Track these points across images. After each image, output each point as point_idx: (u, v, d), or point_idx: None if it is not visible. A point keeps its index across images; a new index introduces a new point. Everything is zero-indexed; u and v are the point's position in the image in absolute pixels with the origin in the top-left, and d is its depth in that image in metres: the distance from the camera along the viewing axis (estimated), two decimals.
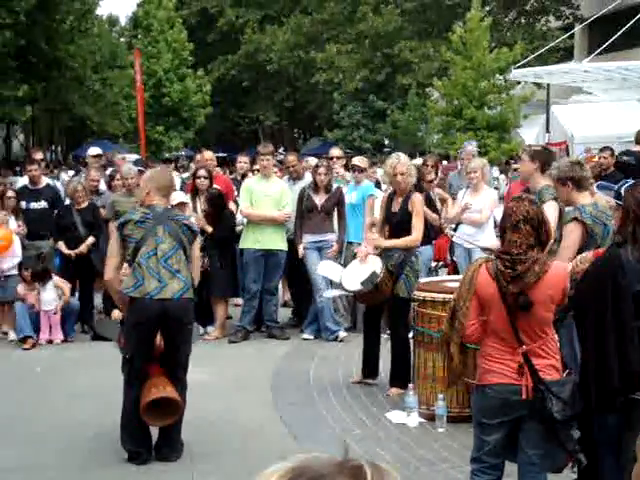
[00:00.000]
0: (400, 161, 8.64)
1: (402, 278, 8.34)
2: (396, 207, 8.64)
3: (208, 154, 12.93)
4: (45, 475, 6.35)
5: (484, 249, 8.68)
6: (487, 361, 4.88)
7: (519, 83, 29.38)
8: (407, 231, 8.48)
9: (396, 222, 8.56)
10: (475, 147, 13.92)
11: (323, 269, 9.55)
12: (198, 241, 7.11)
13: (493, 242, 10.60)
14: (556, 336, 5.02)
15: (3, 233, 11.08)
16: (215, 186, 11.45)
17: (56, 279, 10.98)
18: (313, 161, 13.00)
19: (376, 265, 8.25)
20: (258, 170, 11.77)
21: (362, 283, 8.15)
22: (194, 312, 6.88)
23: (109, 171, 14.20)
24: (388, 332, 9.12)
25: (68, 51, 32.15)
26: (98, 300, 11.71)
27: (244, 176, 12.57)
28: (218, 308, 11.24)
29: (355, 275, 8.35)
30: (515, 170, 11.18)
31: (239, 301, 12.12)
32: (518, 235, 4.75)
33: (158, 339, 6.66)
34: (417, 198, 8.62)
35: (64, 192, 12.66)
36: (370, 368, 8.83)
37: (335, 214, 11.05)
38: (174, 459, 6.65)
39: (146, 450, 6.61)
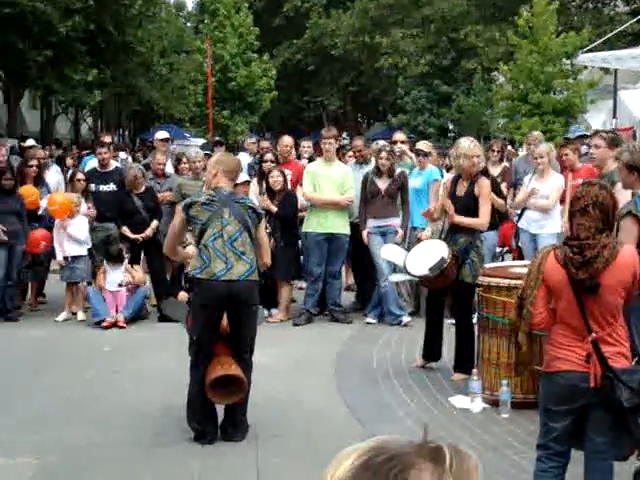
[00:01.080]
0: (475, 143, 8.61)
1: (468, 263, 8.28)
2: (462, 191, 8.54)
3: (287, 139, 12.77)
4: (114, 453, 6.47)
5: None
6: (555, 348, 4.84)
7: (586, 68, 28.94)
8: (472, 215, 8.40)
9: (461, 206, 8.45)
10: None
11: (386, 252, 9.53)
12: (263, 224, 7.14)
13: (559, 229, 10.53)
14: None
15: (62, 200, 11.28)
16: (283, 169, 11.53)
17: (127, 265, 11.19)
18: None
19: (443, 250, 8.19)
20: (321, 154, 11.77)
21: (430, 269, 8.09)
22: (259, 295, 6.94)
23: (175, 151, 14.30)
24: (451, 318, 9.11)
25: (136, 36, 32.47)
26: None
27: (310, 160, 12.60)
28: (282, 291, 11.32)
29: (420, 259, 8.30)
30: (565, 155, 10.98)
31: (303, 284, 12.18)
32: (587, 219, 4.71)
33: (224, 320, 6.74)
34: (485, 182, 8.54)
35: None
36: (433, 352, 8.82)
37: (399, 199, 11.03)
38: (239, 439, 6.72)
39: (212, 430, 6.70)
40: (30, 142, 15.20)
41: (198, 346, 6.65)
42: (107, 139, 14.68)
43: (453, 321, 9.15)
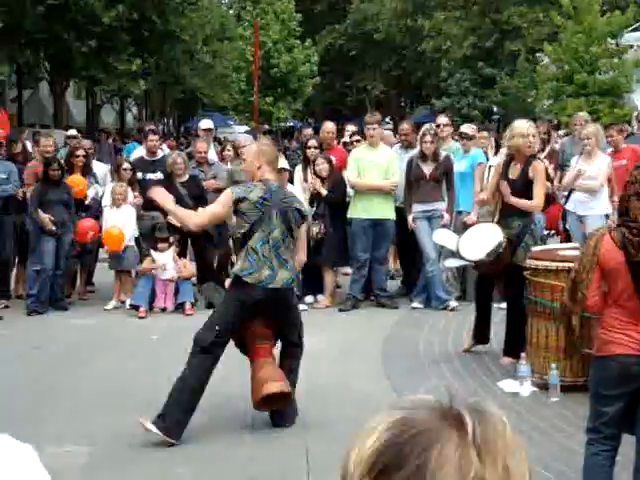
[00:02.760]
0: (531, 124, 8.55)
1: (522, 247, 8.15)
2: (515, 173, 8.42)
3: (329, 125, 12.74)
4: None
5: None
6: (608, 332, 4.78)
7: (631, 47, 28.57)
8: (525, 199, 8.30)
9: (515, 189, 8.34)
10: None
11: (439, 237, 9.49)
12: (305, 224, 7.14)
13: (607, 210, 10.42)
14: None
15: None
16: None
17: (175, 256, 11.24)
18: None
19: (497, 234, 8.10)
20: (358, 141, 11.74)
21: (487, 254, 8.02)
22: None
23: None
24: (500, 303, 9.06)
25: (179, 24, 32.57)
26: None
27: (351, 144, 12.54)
28: (328, 277, 11.33)
29: (474, 244, 8.23)
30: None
31: (348, 270, 12.18)
32: None
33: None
34: (540, 165, 8.45)
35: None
36: (482, 334, 8.78)
37: (444, 183, 10.98)
38: (287, 425, 6.76)
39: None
40: (72, 132, 15.29)
41: (217, 337, 6.52)
42: (150, 128, 14.78)
43: (501, 305, 9.11)
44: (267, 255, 6.55)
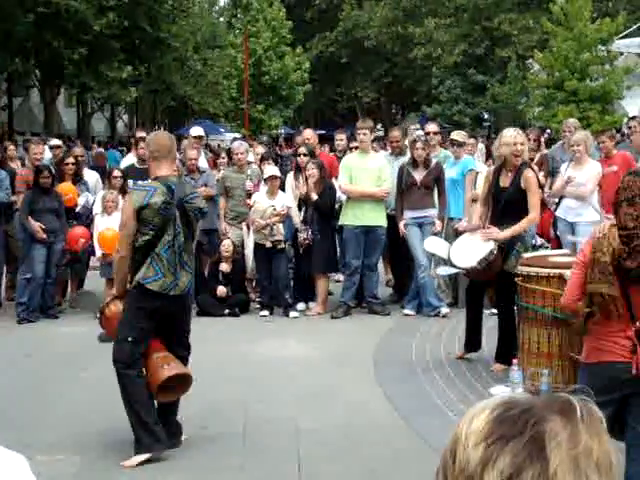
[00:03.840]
0: (519, 132, 8.53)
1: (514, 254, 8.14)
2: (506, 182, 8.34)
3: (308, 132, 12.95)
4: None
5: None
6: (596, 338, 4.81)
7: (622, 54, 28.70)
8: (519, 208, 8.21)
9: (507, 199, 8.26)
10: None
11: (430, 245, 9.49)
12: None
13: (597, 217, 10.44)
14: None
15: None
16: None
17: None
18: (417, 132, 12.96)
19: (488, 242, 8.13)
20: (357, 147, 11.75)
21: (479, 262, 8.01)
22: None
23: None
24: (491, 309, 9.07)
25: (170, 31, 32.61)
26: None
27: (344, 152, 12.58)
28: (319, 284, 11.32)
29: (465, 251, 8.23)
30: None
31: (340, 277, 12.19)
32: (634, 209, 4.67)
33: None
34: (532, 174, 8.35)
35: None
36: (473, 342, 8.79)
37: (435, 190, 10.99)
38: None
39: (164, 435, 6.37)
40: (55, 142, 15.03)
41: (135, 347, 6.30)
42: (142, 135, 14.73)
43: (492, 312, 9.12)
44: (172, 261, 6.26)
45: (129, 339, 6.28)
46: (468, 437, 1.25)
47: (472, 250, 8.14)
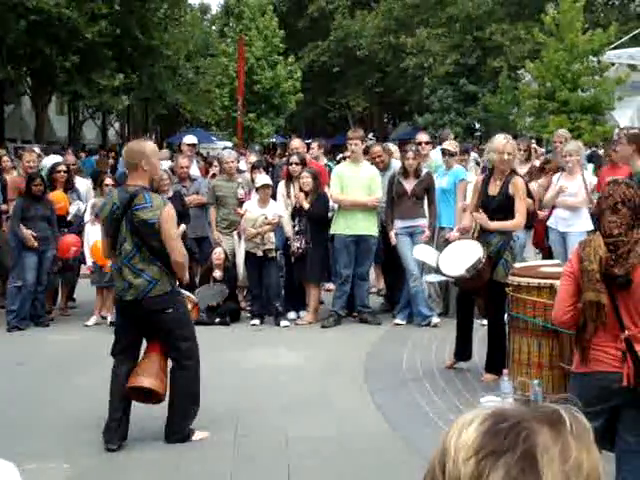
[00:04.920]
0: (509, 140, 8.54)
1: (501, 263, 8.18)
2: (494, 190, 8.40)
3: (296, 142, 12.91)
4: (147, 456, 6.49)
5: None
6: (587, 348, 4.81)
7: (613, 65, 28.78)
8: (506, 215, 8.29)
9: (496, 206, 8.32)
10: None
11: (419, 253, 9.50)
12: (171, 224, 6.58)
13: (589, 227, 10.46)
14: None
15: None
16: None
17: None
18: (394, 148, 12.95)
19: (477, 250, 8.11)
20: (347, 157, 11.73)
21: (467, 270, 8.02)
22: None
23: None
24: (482, 319, 9.07)
25: (162, 40, 32.63)
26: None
27: (339, 160, 12.52)
28: (311, 293, 11.33)
29: (454, 260, 8.24)
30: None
31: (331, 286, 12.19)
32: (617, 216, 4.71)
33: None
34: (519, 181, 8.42)
35: None
36: (463, 352, 8.79)
37: (426, 199, 11.00)
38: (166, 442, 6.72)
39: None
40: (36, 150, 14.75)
41: (115, 342, 6.97)
42: None
43: (483, 322, 9.13)
44: (119, 267, 6.59)
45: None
46: (458, 451, 1.24)
47: (461, 258, 8.15)
